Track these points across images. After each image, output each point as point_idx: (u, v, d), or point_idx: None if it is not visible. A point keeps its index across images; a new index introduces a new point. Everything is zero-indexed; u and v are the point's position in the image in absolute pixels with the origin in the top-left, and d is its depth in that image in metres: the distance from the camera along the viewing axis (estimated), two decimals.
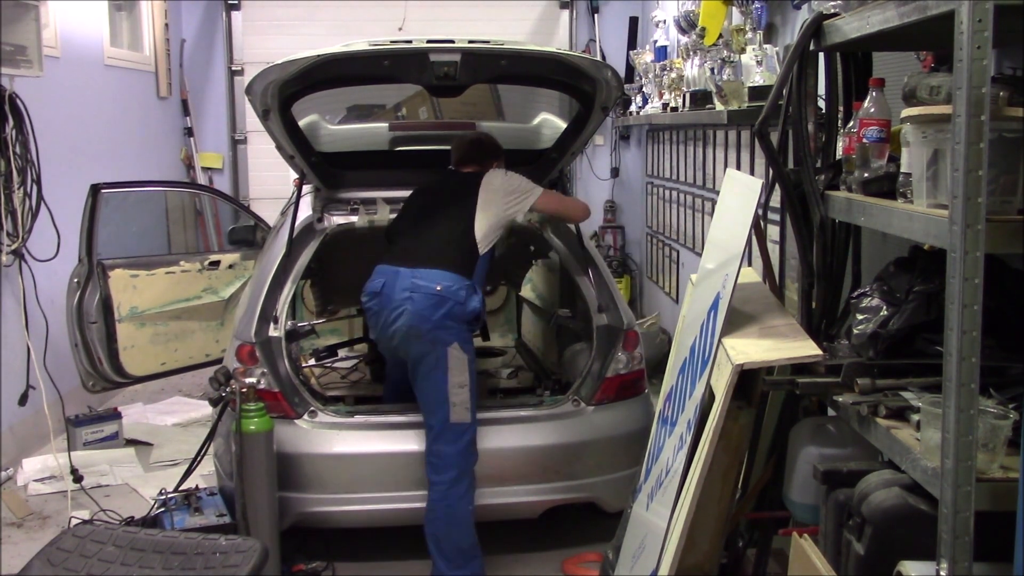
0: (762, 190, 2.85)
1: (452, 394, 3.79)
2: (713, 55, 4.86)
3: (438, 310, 3.80)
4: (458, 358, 3.80)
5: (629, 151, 8.79)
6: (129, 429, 5.83)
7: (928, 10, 2.03)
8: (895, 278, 2.52)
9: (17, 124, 4.99)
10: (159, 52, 7.97)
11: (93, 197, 5.07)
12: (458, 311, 3.82)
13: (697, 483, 2.59)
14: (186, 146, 8.57)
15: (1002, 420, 2.00)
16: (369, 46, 3.88)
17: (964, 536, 1.92)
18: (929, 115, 2.13)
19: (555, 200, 4.29)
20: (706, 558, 2.83)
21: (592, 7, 8.68)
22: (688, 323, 3.29)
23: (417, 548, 4.02)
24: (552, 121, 4.79)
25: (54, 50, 5.85)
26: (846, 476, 2.41)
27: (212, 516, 4.03)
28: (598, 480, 4.14)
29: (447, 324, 3.81)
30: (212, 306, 5.70)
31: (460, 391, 3.80)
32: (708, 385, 2.70)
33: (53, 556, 2.65)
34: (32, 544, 4.20)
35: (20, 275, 5.13)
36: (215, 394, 3.80)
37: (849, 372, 2.43)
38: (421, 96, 4.76)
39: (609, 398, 4.20)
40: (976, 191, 1.87)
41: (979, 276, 1.88)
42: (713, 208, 4.25)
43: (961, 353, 1.90)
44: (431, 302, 3.80)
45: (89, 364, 5.18)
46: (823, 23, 2.69)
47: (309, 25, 8.26)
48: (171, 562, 2.61)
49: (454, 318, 3.82)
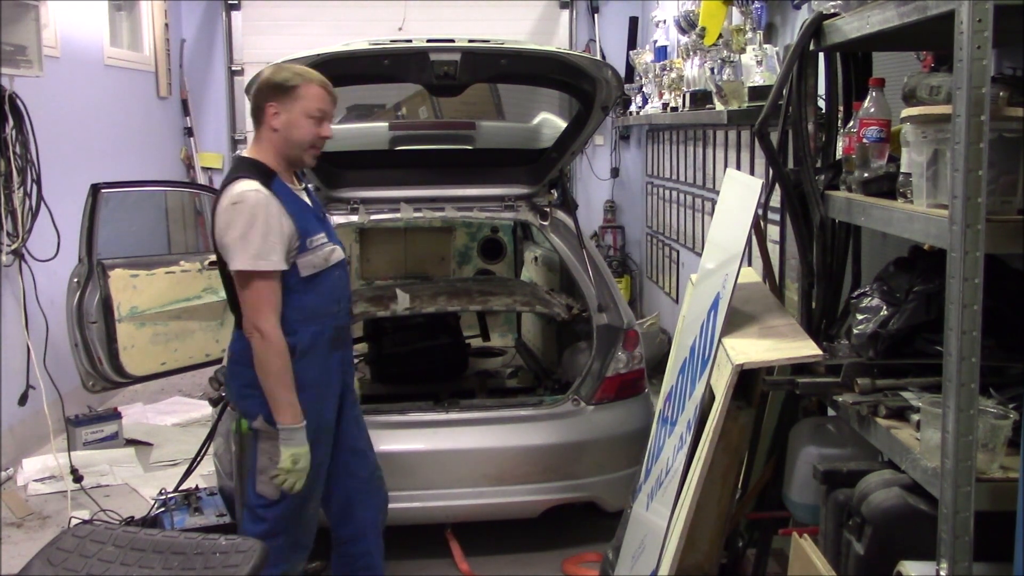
0: (762, 190, 2.86)
1: (260, 464, 3.18)
2: (713, 55, 4.86)
3: (234, 381, 3.22)
4: (266, 431, 3.13)
5: (629, 151, 8.79)
6: (129, 429, 5.83)
7: (928, 10, 2.03)
8: (895, 278, 2.52)
9: (17, 124, 5.00)
10: (159, 52, 7.97)
11: (93, 197, 5.06)
12: (253, 377, 3.09)
13: (697, 483, 2.59)
14: (186, 146, 8.57)
15: (1002, 420, 2.00)
16: (369, 46, 3.88)
17: (964, 536, 1.92)
18: (929, 115, 2.13)
19: (238, 287, 3.11)
20: (706, 558, 2.83)
21: (592, 7, 8.68)
22: (688, 323, 3.29)
23: (417, 548, 4.02)
24: (552, 120, 4.79)
25: (54, 50, 5.85)
26: (846, 476, 2.41)
27: (212, 516, 4.03)
28: (598, 480, 4.14)
29: (245, 393, 3.17)
30: (212, 306, 5.69)
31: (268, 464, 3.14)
32: (708, 385, 2.70)
33: (53, 556, 2.65)
34: (32, 544, 4.20)
35: (20, 275, 5.13)
36: (215, 394, 3.81)
37: (849, 372, 2.43)
38: (421, 95, 4.76)
39: (609, 398, 4.20)
40: (976, 191, 1.87)
41: (979, 276, 1.88)
42: (713, 208, 4.25)
43: (961, 353, 1.90)
44: (230, 371, 3.25)
45: (89, 364, 5.17)
46: (823, 23, 2.70)
47: (309, 25, 8.25)
48: (171, 562, 2.61)
49: (251, 385, 3.11)
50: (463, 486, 4.06)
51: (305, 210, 3.17)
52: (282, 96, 3.07)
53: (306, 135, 3.10)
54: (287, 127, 3.08)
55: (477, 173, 4.65)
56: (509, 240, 6.60)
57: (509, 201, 4.56)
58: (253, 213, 2.98)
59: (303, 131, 3.09)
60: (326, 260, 3.17)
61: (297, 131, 3.08)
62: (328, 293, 3.21)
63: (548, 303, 4.67)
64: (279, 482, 3.08)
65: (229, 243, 3.02)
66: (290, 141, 3.10)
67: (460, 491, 4.06)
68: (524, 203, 4.57)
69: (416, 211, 4.46)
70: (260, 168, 3.10)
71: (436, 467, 4.05)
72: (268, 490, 3.16)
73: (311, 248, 3.12)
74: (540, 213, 4.54)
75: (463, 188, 4.58)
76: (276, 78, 3.09)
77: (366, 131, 5.12)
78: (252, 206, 2.98)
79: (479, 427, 4.13)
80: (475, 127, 4.82)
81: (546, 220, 4.53)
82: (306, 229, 3.12)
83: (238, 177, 3.06)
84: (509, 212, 4.58)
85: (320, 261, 3.15)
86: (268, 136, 3.12)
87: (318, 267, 3.15)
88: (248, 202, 2.98)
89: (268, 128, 3.10)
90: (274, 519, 3.19)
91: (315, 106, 3.08)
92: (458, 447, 4.07)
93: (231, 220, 3.00)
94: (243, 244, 2.98)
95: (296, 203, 3.13)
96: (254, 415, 3.14)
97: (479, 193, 4.57)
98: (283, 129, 3.08)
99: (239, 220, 2.98)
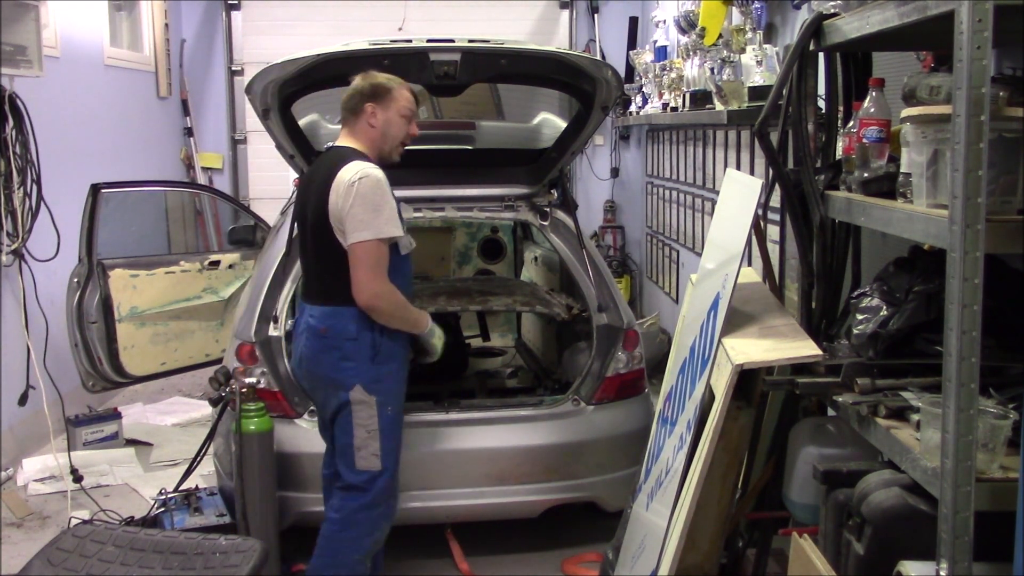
0: (762, 190, 2.86)
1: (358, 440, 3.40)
2: (713, 55, 4.86)
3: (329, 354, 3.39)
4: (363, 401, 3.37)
5: (629, 151, 8.79)
6: (129, 429, 5.83)
7: (928, 10, 2.03)
8: (895, 278, 2.53)
9: (17, 124, 5.00)
10: (159, 52, 7.97)
11: (93, 197, 5.07)
12: (351, 348, 3.36)
13: (697, 483, 2.59)
14: (186, 146, 8.57)
15: (1002, 420, 2.00)
16: (369, 46, 3.88)
17: (964, 536, 1.92)
18: (929, 115, 2.13)
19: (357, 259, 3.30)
20: (706, 558, 2.82)
21: (592, 7, 8.68)
22: (688, 323, 3.29)
23: (417, 547, 4.02)
24: (552, 120, 4.79)
25: (54, 50, 5.85)
26: (846, 476, 2.41)
27: (212, 516, 4.03)
28: (598, 480, 4.14)
29: (343, 366, 3.38)
30: (212, 306, 5.70)
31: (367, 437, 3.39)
32: (708, 385, 2.70)
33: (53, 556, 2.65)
34: (32, 544, 4.20)
35: (20, 275, 5.13)
36: (215, 394, 3.80)
37: (849, 372, 2.43)
38: (421, 95, 4.75)
39: (609, 398, 4.20)
40: (976, 191, 1.87)
41: (979, 276, 1.88)
42: (713, 208, 4.25)
43: (961, 353, 1.90)
44: (320, 345, 3.41)
45: (89, 364, 5.18)
46: (823, 23, 2.69)
47: (309, 25, 8.26)
48: (171, 562, 2.61)
49: (349, 357, 3.37)
50: (463, 486, 4.06)
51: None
52: (380, 97, 3.43)
53: (400, 132, 3.47)
54: (386, 125, 3.44)
55: (477, 173, 4.65)
56: (509, 240, 6.61)
57: (509, 201, 4.56)
58: (380, 187, 3.29)
59: (399, 128, 3.46)
60: (410, 243, 3.50)
61: (394, 128, 3.45)
62: (406, 276, 3.53)
63: (548, 303, 4.67)
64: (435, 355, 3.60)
65: (356, 214, 3.25)
66: (387, 136, 3.45)
67: (460, 491, 4.07)
68: (524, 203, 4.57)
69: (416, 211, 4.46)
70: (365, 157, 3.43)
71: (436, 467, 4.05)
72: (369, 463, 3.39)
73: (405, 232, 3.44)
74: (540, 213, 4.54)
75: (463, 188, 4.58)
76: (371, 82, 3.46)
77: None
78: (376, 181, 3.28)
79: (479, 427, 4.13)
80: (475, 127, 4.82)
81: (546, 220, 4.53)
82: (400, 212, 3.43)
83: (351, 159, 3.36)
84: (509, 212, 4.58)
85: (407, 243, 3.47)
86: (366, 131, 3.45)
87: (407, 248, 3.47)
88: (372, 177, 3.28)
89: (369, 125, 3.44)
90: (377, 490, 3.42)
91: (408, 106, 3.48)
92: (458, 447, 4.07)
93: (360, 193, 3.25)
94: (373, 215, 3.25)
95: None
96: (351, 385, 3.36)
97: (479, 193, 4.57)
98: (382, 126, 3.43)
99: (368, 193, 3.26)
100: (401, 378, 3.51)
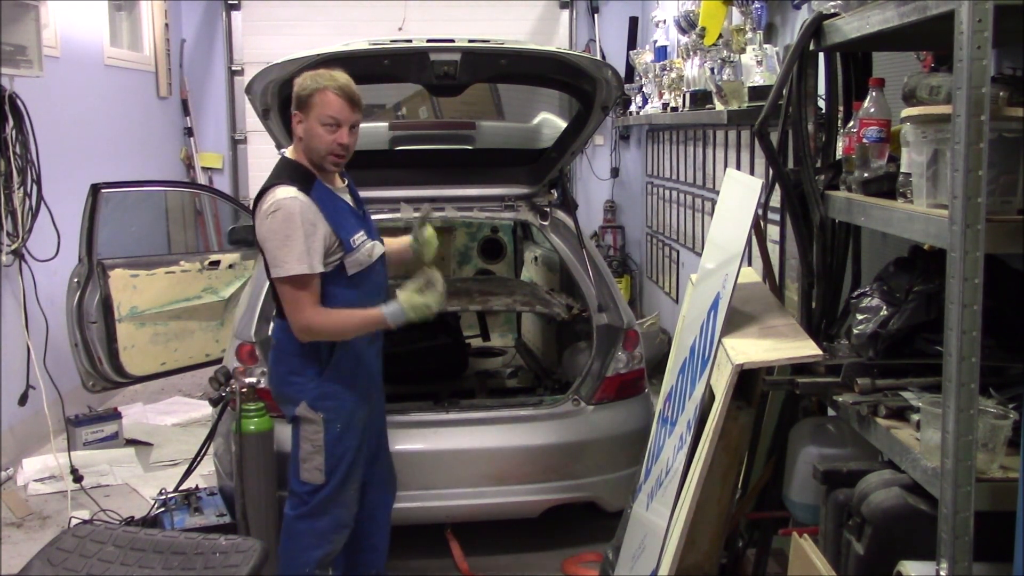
0: (762, 190, 2.85)
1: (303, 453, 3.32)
2: (713, 55, 4.86)
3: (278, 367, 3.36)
4: (309, 418, 3.28)
5: (629, 151, 8.79)
6: (129, 429, 5.83)
7: (928, 10, 2.03)
8: (895, 278, 2.53)
9: (17, 124, 5.00)
10: (159, 52, 7.97)
11: (93, 197, 5.07)
12: (298, 363, 3.28)
13: (697, 483, 2.59)
14: (186, 146, 8.57)
15: (1002, 420, 2.00)
16: (369, 46, 3.88)
17: (964, 536, 1.92)
18: (929, 115, 2.13)
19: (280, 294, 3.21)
20: (706, 558, 2.82)
21: (592, 7, 8.68)
22: (688, 323, 3.29)
23: (417, 548, 4.02)
24: (552, 120, 4.79)
25: (54, 50, 5.85)
26: (846, 476, 2.41)
27: (212, 516, 4.03)
28: (598, 480, 4.14)
29: (289, 379, 3.32)
30: (212, 306, 5.70)
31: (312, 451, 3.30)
32: (708, 385, 2.70)
33: (53, 556, 2.65)
34: (32, 544, 4.20)
35: (20, 275, 5.13)
36: (215, 394, 3.80)
37: (849, 372, 2.43)
38: (421, 95, 4.76)
39: (609, 397, 4.20)
40: (976, 191, 1.87)
41: (979, 276, 1.88)
42: (713, 208, 4.25)
43: (961, 353, 1.90)
44: (273, 357, 3.39)
45: (89, 364, 5.18)
46: (823, 23, 2.69)
47: (309, 25, 8.26)
48: (171, 562, 2.61)
49: (296, 371, 3.29)
50: (463, 486, 4.06)
51: (343, 211, 3.26)
52: (301, 105, 3.16)
53: (322, 144, 3.15)
54: (307, 136, 3.17)
55: (477, 173, 4.66)
56: (509, 240, 6.60)
57: (509, 201, 4.56)
58: (290, 221, 3.07)
59: (319, 140, 3.15)
60: (369, 256, 3.29)
61: (315, 140, 3.16)
62: (371, 287, 3.33)
63: (548, 303, 4.67)
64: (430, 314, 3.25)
65: (269, 249, 3.12)
66: (310, 149, 3.18)
67: (460, 491, 4.07)
68: (524, 203, 4.57)
69: (416, 211, 4.45)
70: (301, 172, 3.19)
71: (436, 467, 4.05)
72: (312, 476, 3.30)
73: (355, 247, 3.23)
74: (540, 213, 4.54)
75: (463, 188, 4.58)
76: (297, 87, 3.18)
77: (366, 131, 5.06)
78: (288, 214, 3.07)
79: (479, 427, 4.13)
80: (475, 127, 4.82)
81: (546, 220, 4.53)
82: (345, 231, 3.20)
83: (277, 183, 3.15)
84: (509, 212, 4.58)
85: (364, 258, 3.27)
86: (297, 141, 3.23)
87: (363, 264, 3.27)
88: (284, 210, 3.07)
89: (296, 136, 3.22)
90: (317, 502, 3.32)
91: (327, 113, 3.12)
92: (458, 447, 4.07)
93: (271, 228, 3.09)
94: (283, 251, 3.08)
95: (334, 205, 3.22)
96: (297, 401, 3.27)
97: (479, 193, 4.57)
98: (305, 138, 3.18)
99: (278, 228, 3.07)
100: (359, 392, 3.33)
